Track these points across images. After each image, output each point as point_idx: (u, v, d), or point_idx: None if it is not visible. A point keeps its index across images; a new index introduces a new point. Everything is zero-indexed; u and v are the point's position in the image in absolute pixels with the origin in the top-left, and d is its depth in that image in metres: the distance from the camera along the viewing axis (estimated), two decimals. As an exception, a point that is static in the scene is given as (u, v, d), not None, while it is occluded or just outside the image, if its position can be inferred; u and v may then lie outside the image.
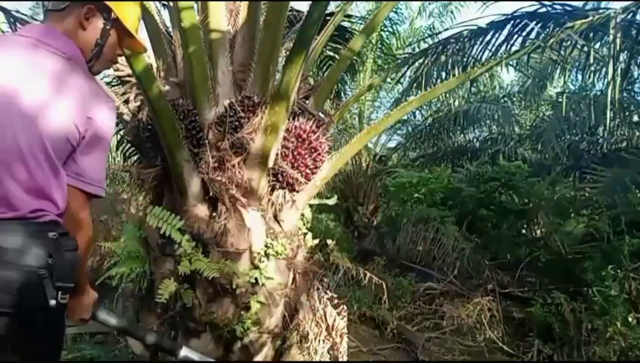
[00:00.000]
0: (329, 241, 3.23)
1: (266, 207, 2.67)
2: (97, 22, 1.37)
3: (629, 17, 3.91)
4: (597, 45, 4.23)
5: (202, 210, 2.58)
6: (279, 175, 2.65)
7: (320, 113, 2.91)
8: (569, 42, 4.05)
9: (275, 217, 2.72)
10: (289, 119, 2.71)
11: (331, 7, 3.91)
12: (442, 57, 4.70)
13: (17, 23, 3.84)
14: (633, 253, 4.29)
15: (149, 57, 2.74)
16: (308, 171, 2.73)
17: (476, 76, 4.52)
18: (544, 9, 4.00)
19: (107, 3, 1.37)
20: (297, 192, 2.74)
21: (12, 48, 1.27)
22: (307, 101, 2.98)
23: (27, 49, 1.26)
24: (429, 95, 3.87)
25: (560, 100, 7.30)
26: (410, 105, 3.52)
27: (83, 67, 1.36)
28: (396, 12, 7.65)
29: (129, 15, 1.44)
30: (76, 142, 1.28)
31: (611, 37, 3.61)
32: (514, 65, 5.52)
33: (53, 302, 1.18)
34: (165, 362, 2.57)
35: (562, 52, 4.35)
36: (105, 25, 1.38)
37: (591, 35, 4.03)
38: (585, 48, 4.09)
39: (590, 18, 3.64)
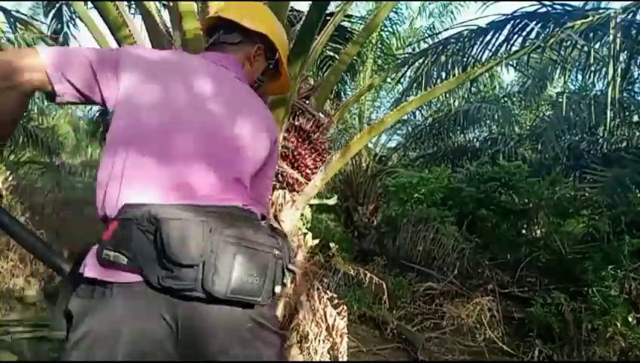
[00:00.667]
0: (331, 244, 3.23)
1: (266, 207, 2.67)
2: (262, 61, 1.47)
3: (629, 17, 3.92)
4: (597, 45, 4.23)
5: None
6: (279, 175, 2.65)
7: (320, 113, 2.91)
8: (569, 42, 4.05)
9: (275, 217, 2.72)
10: (289, 119, 2.71)
11: (331, 7, 3.91)
12: (442, 57, 4.70)
13: (17, 23, 3.85)
14: (633, 253, 4.29)
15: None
16: (308, 171, 2.73)
17: (476, 76, 4.52)
18: (544, 9, 4.01)
19: (276, 45, 1.47)
20: (297, 192, 2.74)
21: (210, 69, 1.31)
22: (307, 101, 2.98)
23: (220, 71, 1.33)
24: (429, 95, 3.87)
25: (560, 100, 7.30)
26: (410, 105, 3.52)
27: None
28: (396, 12, 7.65)
29: (286, 58, 1.55)
30: (263, 163, 1.35)
31: (611, 37, 3.62)
32: (514, 65, 5.53)
33: (279, 287, 1.12)
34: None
35: (562, 52, 4.35)
36: (269, 64, 1.49)
37: (591, 35, 4.03)
38: (585, 48, 4.09)
39: (590, 18, 3.64)
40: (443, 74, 4.72)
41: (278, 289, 1.11)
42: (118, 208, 1.05)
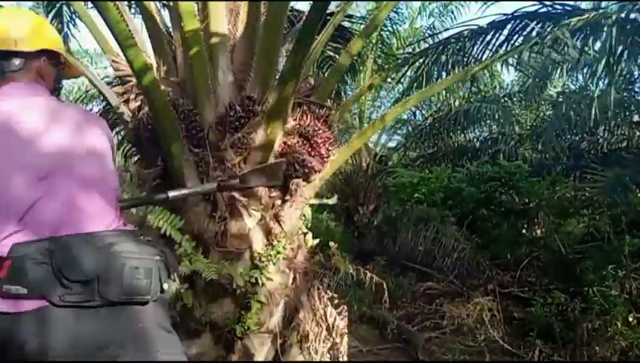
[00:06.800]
0: (331, 243, 3.22)
1: (266, 207, 2.67)
2: (52, 68, 1.53)
3: (626, 13, 3.90)
4: (597, 46, 4.23)
5: (202, 210, 2.58)
6: (295, 164, 2.62)
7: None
8: (566, 38, 4.05)
9: (275, 217, 2.72)
10: (295, 110, 2.71)
11: (331, 7, 3.91)
12: (443, 57, 4.70)
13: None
14: (633, 253, 4.29)
15: (149, 57, 2.74)
16: (322, 160, 2.72)
17: (473, 73, 4.51)
18: (544, 9, 4.01)
19: (57, 50, 1.53)
20: (309, 182, 2.73)
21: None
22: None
23: (31, 103, 1.42)
24: (428, 91, 3.88)
25: (560, 100, 7.29)
26: (409, 102, 3.54)
27: None
28: (396, 12, 7.62)
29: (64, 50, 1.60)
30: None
31: (605, 34, 3.61)
32: (514, 65, 5.52)
33: (166, 285, 1.33)
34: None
35: (560, 50, 4.35)
36: (59, 69, 1.56)
37: (588, 30, 4.01)
38: (585, 47, 4.09)
39: (586, 15, 3.64)
40: (444, 74, 4.72)
41: (165, 286, 1.33)
42: (8, 247, 1.21)
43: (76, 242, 1.24)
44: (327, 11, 3.48)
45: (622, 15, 3.85)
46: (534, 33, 4.02)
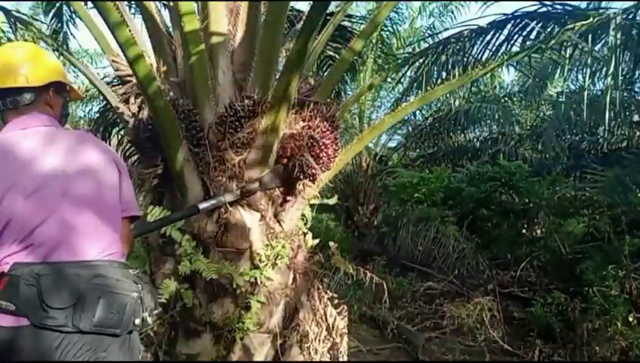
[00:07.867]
0: (331, 243, 3.22)
1: (266, 207, 2.67)
2: (59, 97, 1.60)
3: (629, 17, 3.90)
4: (598, 47, 4.22)
5: (202, 210, 2.58)
6: (303, 166, 2.61)
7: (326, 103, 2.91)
8: (569, 43, 4.05)
9: (275, 217, 2.72)
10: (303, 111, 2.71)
11: (331, 7, 3.91)
12: (443, 57, 4.69)
13: (18, 23, 3.84)
14: (633, 253, 4.29)
15: (149, 57, 2.74)
16: (328, 160, 2.72)
17: (477, 78, 4.51)
18: (544, 9, 4.00)
19: (64, 80, 1.62)
20: (314, 182, 2.72)
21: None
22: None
23: (41, 133, 1.49)
24: (430, 96, 3.88)
25: (560, 100, 7.29)
26: (411, 106, 3.54)
27: None
28: (396, 12, 7.62)
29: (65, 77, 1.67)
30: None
31: (611, 38, 3.61)
32: (515, 65, 5.51)
33: (138, 320, 1.41)
34: (164, 362, 2.57)
35: (563, 52, 4.34)
36: (65, 97, 1.64)
37: (590, 36, 4.01)
38: (586, 49, 4.08)
39: (590, 20, 3.63)
40: (444, 74, 4.71)
41: (137, 321, 1.40)
42: (9, 265, 1.32)
43: (61, 270, 1.33)
44: (327, 11, 3.49)
45: (629, 17, 3.85)
46: (534, 33, 4.01)
